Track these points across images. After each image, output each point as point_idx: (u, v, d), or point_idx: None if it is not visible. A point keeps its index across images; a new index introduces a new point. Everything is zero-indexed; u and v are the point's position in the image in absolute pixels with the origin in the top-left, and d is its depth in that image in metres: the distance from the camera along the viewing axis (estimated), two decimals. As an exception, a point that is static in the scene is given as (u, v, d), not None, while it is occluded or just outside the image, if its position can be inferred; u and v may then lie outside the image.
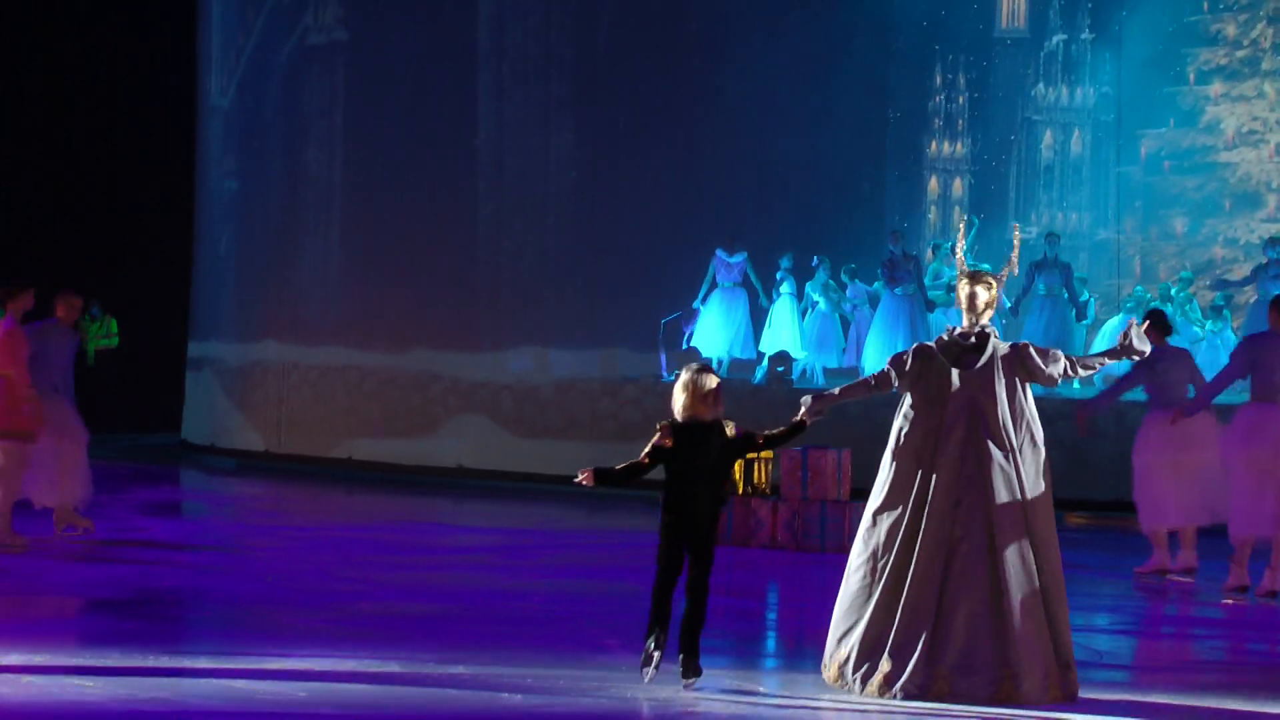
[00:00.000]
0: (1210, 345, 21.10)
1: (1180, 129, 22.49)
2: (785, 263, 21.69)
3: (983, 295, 8.88)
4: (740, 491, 15.39)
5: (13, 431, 13.39)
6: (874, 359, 21.00)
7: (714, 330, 21.64)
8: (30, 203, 27.61)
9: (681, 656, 8.91)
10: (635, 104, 22.60)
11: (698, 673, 8.92)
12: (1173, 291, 21.36)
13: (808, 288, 21.68)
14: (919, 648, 8.60)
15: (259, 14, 25.29)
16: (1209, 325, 21.29)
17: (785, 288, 21.63)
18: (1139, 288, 21.89)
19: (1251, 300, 20.51)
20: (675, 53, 22.46)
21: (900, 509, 8.81)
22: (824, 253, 21.76)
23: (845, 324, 21.93)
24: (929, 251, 22.57)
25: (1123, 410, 17.93)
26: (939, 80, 23.20)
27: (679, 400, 8.82)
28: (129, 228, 27.03)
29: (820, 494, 15.26)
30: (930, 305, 21.13)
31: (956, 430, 8.78)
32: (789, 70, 22.05)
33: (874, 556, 8.84)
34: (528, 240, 22.87)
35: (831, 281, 21.71)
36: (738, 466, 15.04)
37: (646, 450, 8.85)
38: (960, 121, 23.05)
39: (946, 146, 23.09)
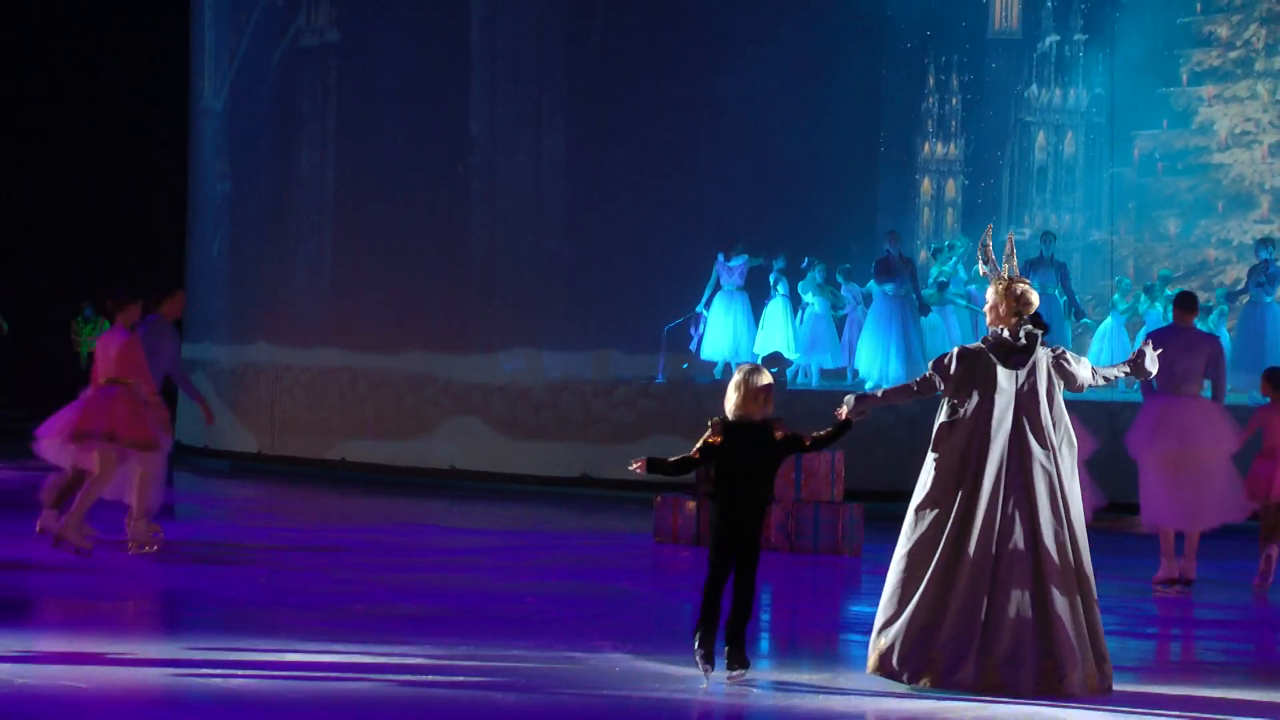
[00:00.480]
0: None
1: (1173, 130, 22.47)
2: (778, 264, 21.68)
3: (1034, 298, 9.21)
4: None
5: (137, 440, 13.60)
6: (866, 360, 21.02)
7: (717, 333, 21.61)
8: (27, 204, 27.58)
9: (727, 649, 9.13)
10: (628, 106, 22.52)
11: (744, 665, 9.14)
12: (1155, 289, 21.38)
13: (799, 288, 21.67)
14: (973, 642, 8.84)
15: (251, 15, 25.26)
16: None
17: (780, 289, 21.62)
18: (1125, 280, 21.85)
19: (1244, 302, 20.57)
20: (669, 55, 22.43)
21: (946, 506, 9.01)
22: (817, 254, 21.72)
23: (840, 325, 21.89)
24: (922, 253, 22.55)
25: (1115, 411, 17.99)
26: (932, 82, 23.14)
27: (731, 399, 9.10)
28: (123, 229, 27.02)
29: (814, 495, 15.30)
30: (924, 309, 21.11)
31: (1003, 429, 9.00)
32: (783, 71, 22.02)
33: (918, 551, 9.01)
34: (520, 242, 22.81)
35: (828, 287, 21.67)
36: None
37: (698, 446, 9.11)
38: (953, 123, 23.04)
39: (940, 148, 23.07)
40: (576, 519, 18.53)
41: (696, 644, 9.13)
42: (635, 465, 9.23)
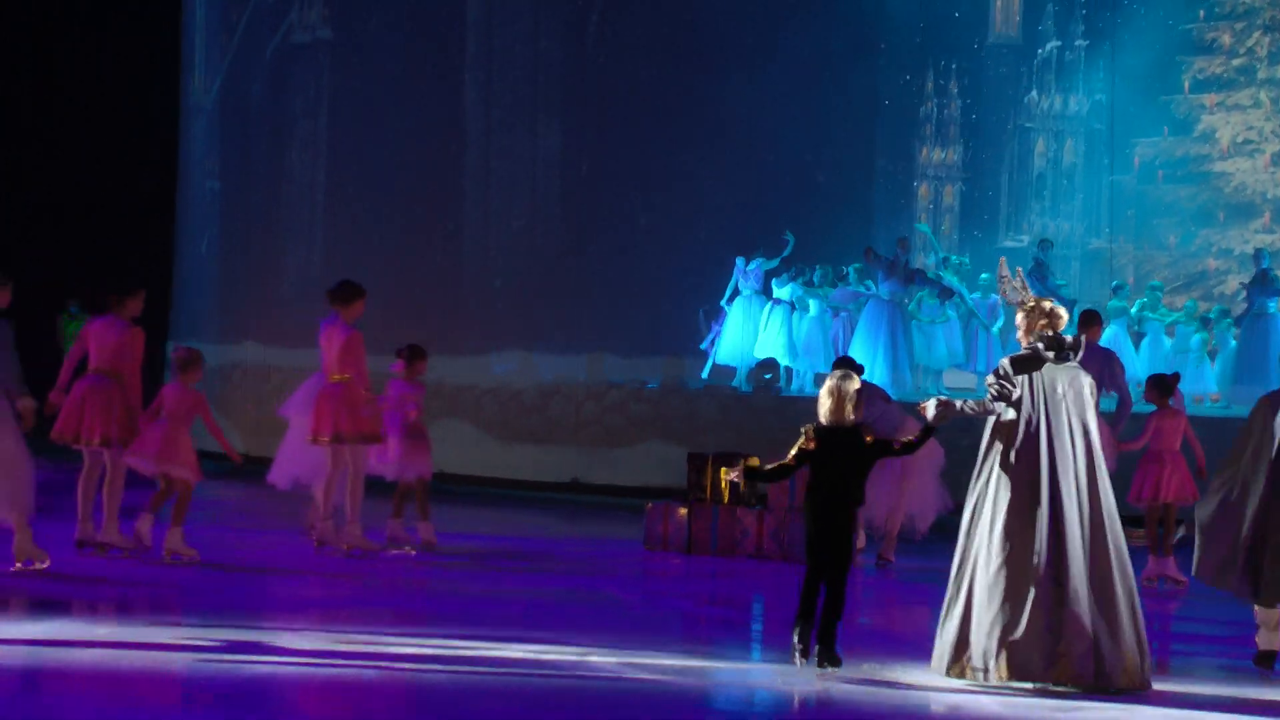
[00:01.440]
0: (1199, 358, 21.03)
1: (1174, 138, 22.47)
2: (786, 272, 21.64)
3: (1064, 313, 9.65)
4: (727, 500, 15.47)
5: (358, 435, 14.04)
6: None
7: (736, 339, 21.62)
8: (12, 201, 27.49)
9: (819, 647, 9.57)
10: (625, 107, 22.59)
11: (836, 663, 9.53)
12: (1143, 302, 21.38)
13: (789, 292, 21.55)
14: (1088, 634, 9.16)
15: (243, 11, 25.23)
16: (1198, 337, 21.20)
17: (785, 293, 21.53)
18: (1126, 286, 21.72)
19: (1246, 313, 20.48)
20: (665, 58, 22.43)
21: (1032, 513, 9.28)
22: (816, 259, 21.69)
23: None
24: (919, 257, 22.43)
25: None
26: (931, 86, 23.14)
27: (824, 405, 9.62)
28: (112, 226, 26.93)
29: (808, 503, 15.22)
30: (947, 292, 21.01)
31: (1063, 427, 9.37)
32: (781, 74, 22.00)
33: (1018, 559, 9.24)
34: (513, 243, 22.80)
35: (823, 287, 21.63)
36: (723, 473, 15.28)
37: (793, 452, 9.61)
38: (952, 128, 23.10)
39: (938, 153, 23.11)
40: (566, 524, 18.50)
41: (795, 637, 9.52)
42: (732, 474, 9.83)
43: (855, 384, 9.62)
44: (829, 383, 9.63)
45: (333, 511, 14.32)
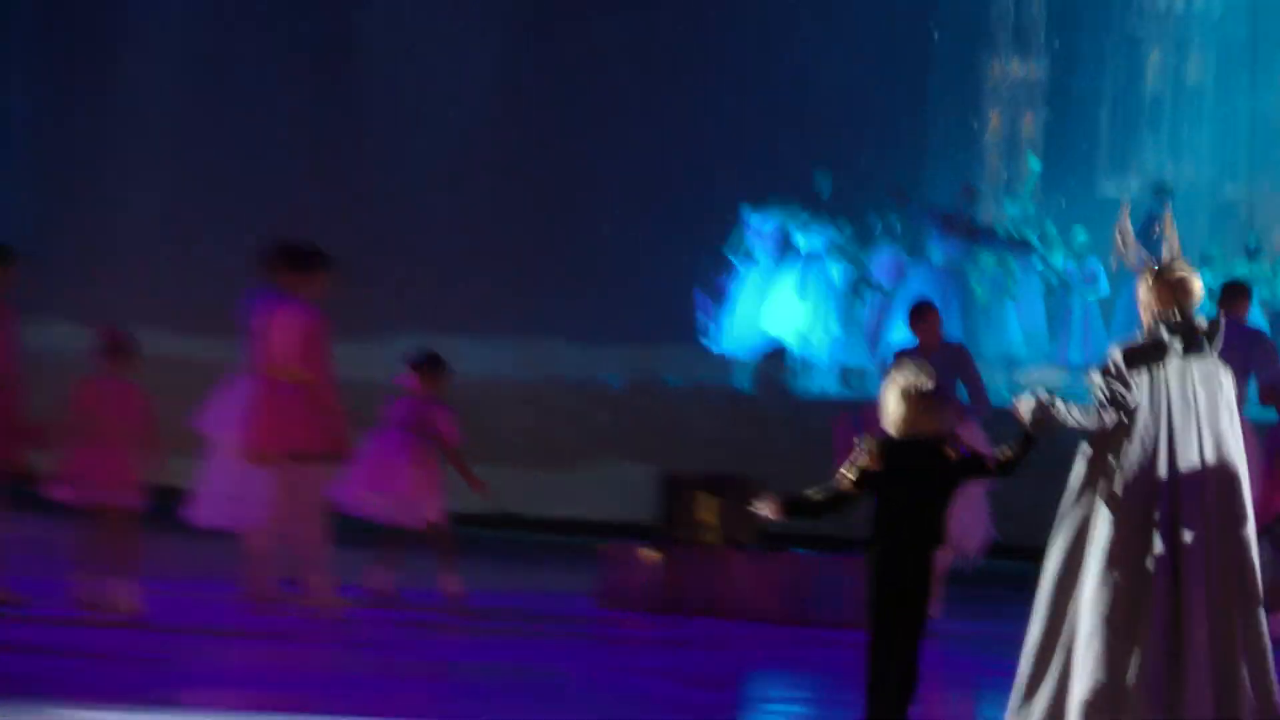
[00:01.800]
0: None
1: (1338, 50, 23.05)
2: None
3: (1196, 286, 9.50)
4: (715, 539, 15.37)
5: (321, 451, 14.14)
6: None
7: (745, 319, 22.00)
8: None
9: None
10: (592, 13, 22.77)
11: None
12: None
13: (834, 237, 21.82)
14: (1213, 689, 9.15)
15: None
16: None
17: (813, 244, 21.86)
18: (1262, 248, 21.62)
19: None
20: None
21: (1147, 553, 9.22)
22: (847, 210, 21.81)
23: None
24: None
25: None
26: (1006, -20, 23.77)
27: (895, 412, 9.44)
28: None
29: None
30: (1023, 246, 21.29)
31: (1193, 443, 9.30)
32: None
33: (1124, 607, 9.18)
34: (430, 190, 22.87)
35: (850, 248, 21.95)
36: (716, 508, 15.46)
37: (850, 475, 9.46)
38: (1034, 37, 23.21)
39: (1016, 68, 23.35)
40: (492, 573, 18.00)
41: None
42: (765, 509, 9.51)
43: (932, 383, 9.49)
44: (900, 380, 9.43)
45: (275, 555, 14.35)
